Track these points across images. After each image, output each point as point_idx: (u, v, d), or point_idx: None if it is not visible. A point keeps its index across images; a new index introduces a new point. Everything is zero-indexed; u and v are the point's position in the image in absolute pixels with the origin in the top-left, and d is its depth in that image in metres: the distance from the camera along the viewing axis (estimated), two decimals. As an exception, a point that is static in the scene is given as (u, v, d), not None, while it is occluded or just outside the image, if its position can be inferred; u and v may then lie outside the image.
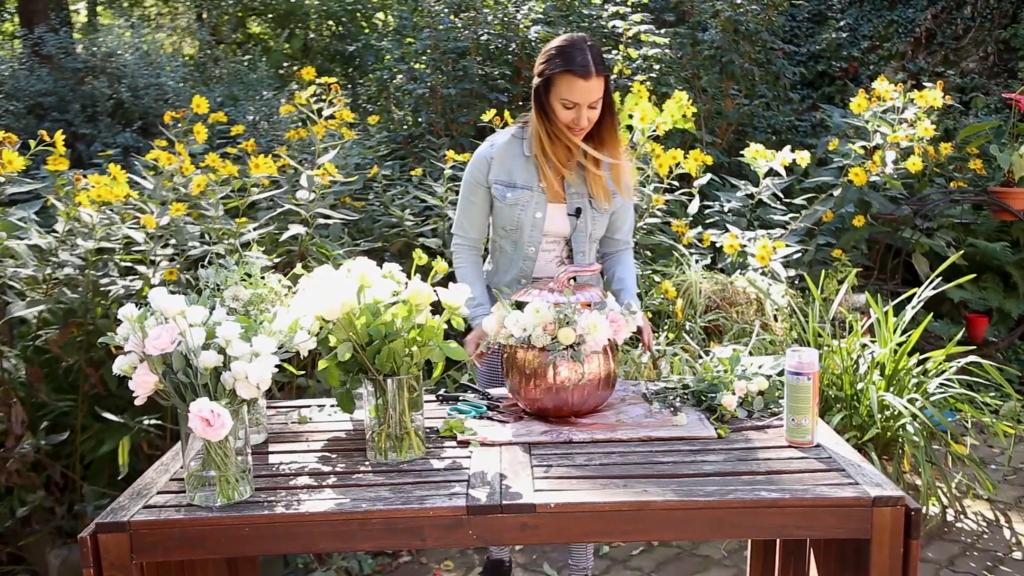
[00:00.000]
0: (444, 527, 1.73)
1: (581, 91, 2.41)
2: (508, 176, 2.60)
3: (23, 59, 7.10)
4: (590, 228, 2.63)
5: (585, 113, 2.45)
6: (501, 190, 2.60)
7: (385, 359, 1.90)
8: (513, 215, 2.61)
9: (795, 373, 1.97)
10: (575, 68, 2.40)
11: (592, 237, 2.66)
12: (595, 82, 2.41)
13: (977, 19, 7.74)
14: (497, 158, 2.61)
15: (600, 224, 2.66)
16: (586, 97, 2.42)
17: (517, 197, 2.59)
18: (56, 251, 3.13)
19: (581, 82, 2.40)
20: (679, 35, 6.55)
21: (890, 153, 4.64)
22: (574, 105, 2.44)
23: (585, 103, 2.43)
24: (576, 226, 2.62)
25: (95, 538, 1.68)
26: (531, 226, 2.61)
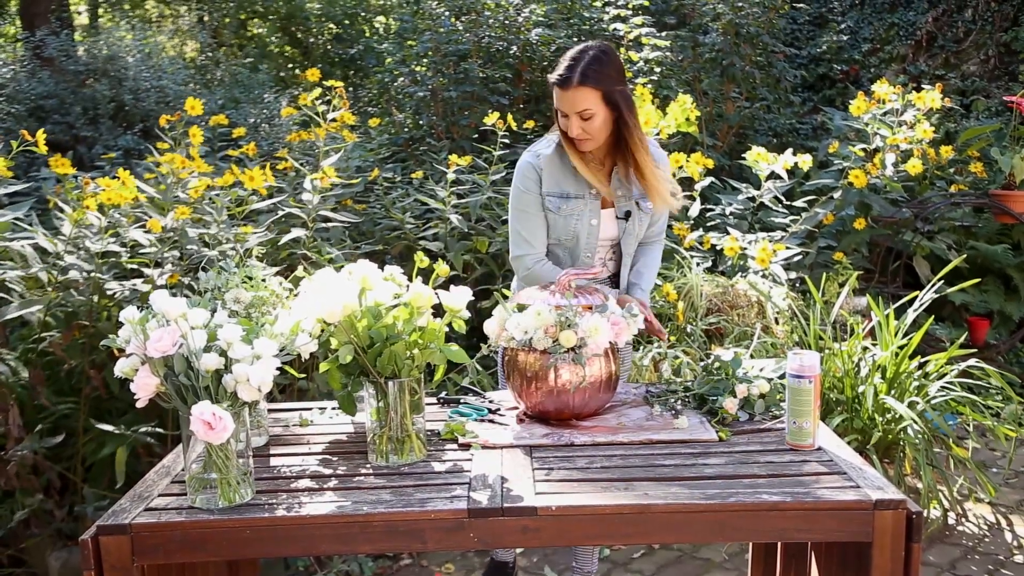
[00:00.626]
0: (445, 530, 1.73)
1: (563, 100, 2.44)
2: (559, 187, 2.60)
3: (24, 62, 7.11)
4: (637, 230, 2.66)
5: (576, 123, 2.45)
6: (556, 202, 2.60)
7: (386, 362, 1.90)
8: (569, 225, 2.61)
9: (796, 376, 1.97)
10: (555, 78, 2.45)
11: (638, 238, 2.69)
12: (575, 92, 2.41)
13: (978, 22, 7.75)
14: (546, 169, 2.60)
15: (645, 224, 2.69)
16: (569, 106, 2.43)
17: (572, 207, 2.60)
18: (62, 254, 3.13)
19: (561, 92, 2.43)
20: (680, 38, 6.56)
21: (890, 156, 4.64)
22: (565, 115, 2.46)
23: (571, 112, 2.44)
24: (625, 229, 2.65)
25: (96, 540, 1.68)
26: (587, 234, 2.62)
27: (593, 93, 2.43)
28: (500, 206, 4.32)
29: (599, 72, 2.43)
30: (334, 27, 9.43)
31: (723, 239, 4.32)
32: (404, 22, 7.68)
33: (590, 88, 2.42)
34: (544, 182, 2.60)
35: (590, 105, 2.43)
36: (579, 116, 2.44)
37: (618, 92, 2.46)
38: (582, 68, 2.41)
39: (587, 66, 2.42)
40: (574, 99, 2.42)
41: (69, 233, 3.15)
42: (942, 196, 5.41)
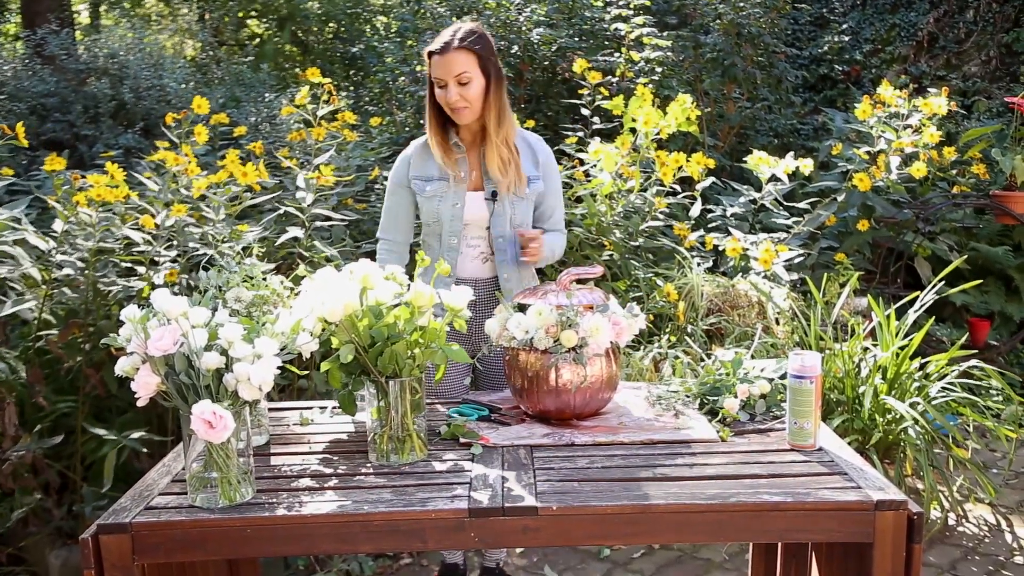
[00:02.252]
0: (446, 529, 1.73)
1: (441, 66, 2.53)
2: (424, 170, 2.69)
3: (25, 60, 7.10)
4: (509, 212, 2.66)
5: (455, 89, 2.53)
6: (420, 184, 2.68)
7: (387, 361, 1.90)
8: (432, 207, 2.67)
9: (797, 376, 1.97)
10: (434, 47, 2.55)
11: (513, 223, 2.67)
12: (454, 55, 2.51)
13: (979, 23, 7.74)
14: (416, 156, 2.72)
15: (522, 210, 2.68)
16: (449, 70, 2.52)
17: (435, 189, 2.66)
18: (54, 252, 3.13)
19: (441, 57, 2.52)
20: (681, 38, 6.55)
21: (894, 159, 4.64)
22: (444, 84, 2.54)
23: (450, 77, 2.52)
24: (493, 210, 2.66)
25: (96, 539, 1.68)
26: (451, 216, 2.66)
27: (470, 57, 2.53)
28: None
29: (476, 40, 2.55)
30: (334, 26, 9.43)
31: (724, 240, 4.32)
32: (405, 21, 7.68)
33: (467, 51, 2.53)
34: (412, 166, 2.71)
35: (468, 68, 2.53)
36: (457, 80, 2.52)
37: (492, 63, 2.58)
38: (460, 35, 2.53)
39: (466, 33, 2.54)
40: (452, 61, 2.51)
41: (60, 230, 3.14)
42: (943, 197, 5.41)
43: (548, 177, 2.75)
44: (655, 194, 4.29)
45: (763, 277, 4.10)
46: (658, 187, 4.31)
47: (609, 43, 6.46)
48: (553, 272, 4.03)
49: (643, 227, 4.27)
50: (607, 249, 4.11)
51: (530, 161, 2.71)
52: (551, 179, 2.76)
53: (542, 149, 2.75)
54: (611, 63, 5.95)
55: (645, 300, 3.98)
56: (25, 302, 3.03)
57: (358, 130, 4.82)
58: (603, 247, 4.13)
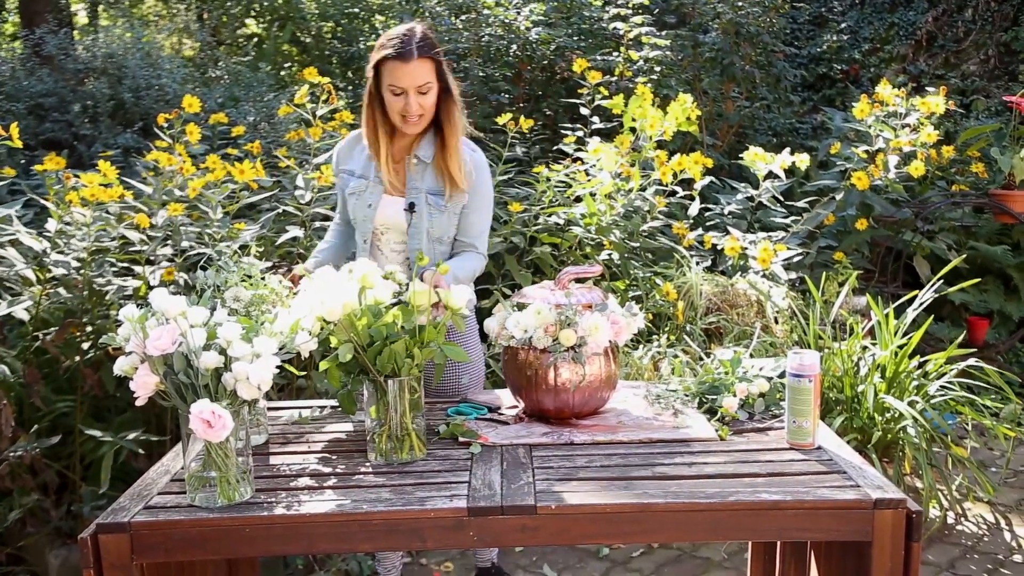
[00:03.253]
0: (445, 528, 1.73)
1: (403, 74, 2.39)
2: (351, 165, 2.63)
3: (24, 60, 7.10)
4: (427, 225, 2.55)
5: (414, 99, 2.41)
6: (345, 179, 2.64)
7: (386, 360, 1.90)
8: (351, 204, 2.63)
9: (796, 375, 1.97)
10: (395, 52, 2.38)
11: (432, 235, 2.57)
12: (417, 64, 2.38)
13: (978, 22, 7.75)
14: (345, 148, 2.67)
15: (441, 224, 2.56)
16: (411, 80, 2.39)
17: (355, 187, 2.60)
18: (48, 252, 3.12)
19: (402, 64, 2.38)
20: (680, 37, 6.55)
21: (892, 158, 4.64)
22: (401, 91, 2.41)
23: (411, 87, 2.40)
24: (411, 221, 2.56)
25: (95, 539, 1.68)
26: (364, 217, 2.59)
27: (431, 65, 2.42)
28: (499, 205, 4.32)
29: (433, 46, 2.44)
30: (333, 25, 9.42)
31: (723, 239, 4.32)
32: (404, 21, 7.68)
33: (429, 60, 2.41)
34: (340, 160, 2.67)
35: (429, 78, 2.42)
36: (418, 90, 2.41)
37: (446, 68, 2.48)
38: (419, 41, 2.40)
39: (422, 39, 2.41)
40: (415, 72, 2.39)
41: (54, 230, 3.14)
42: (942, 196, 5.41)
43: (475, 190, 2.57)
44: (654, 194, 4.29)
45: (762, 276, 4.10)
46: (657, 187, 4.31)
47: (608, 42, 6.46)
48: (553, 272, 4.03)
49: (643, 227, 4.27)
50: (606, 248, 4.11)
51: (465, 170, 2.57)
52: (477, 193, 2.58)
53: (471, 158, 2.58)
54: (610, 62, 5.96)
55: (644, 299, 3.98)
56: (20, 302, 3.03)
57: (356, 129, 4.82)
58: (602, 246, 4.13)
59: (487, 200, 2.63)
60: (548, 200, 4.22)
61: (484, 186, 2.60)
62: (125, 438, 3.06)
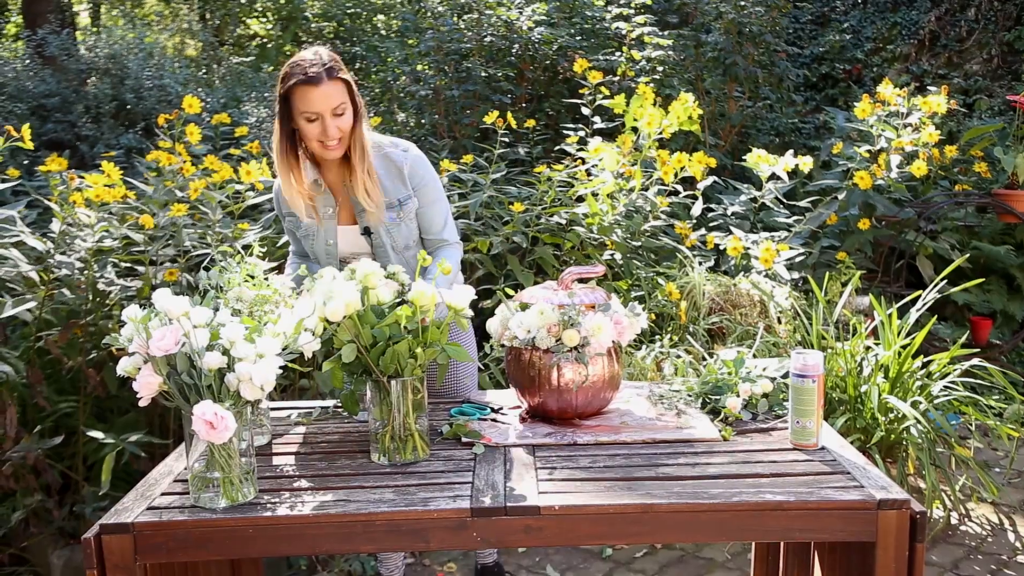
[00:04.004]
0: (448, 529, 1.73)
1: (316, 99, 2.31)
2: (294, 209, 2.52)
3: (27, 60, 7.11)
4: (389, 241, 2.53)
5: (331, 122, 2.34)
6: (293, 222, 2.57)
7: (389, 361, 1.90)
8: (307, 245, 2.58)
9: (799, 375, 1.97)
10: (304, 77, 2.31)
11: (397, 248, 2.55)
12: (329, 86, 2.31)
13: (981, 21, 7.74)
14: (284, 192, 2.52)
15: (402, 233, 2.54)
16: (325, 103, 2.32)
17: (306, 228, 2.55)
18: (52, 252, 3.13)
19: (314, 88, 2.30)
20: (682, 37, 6.55)
21: (895, 157, 4.63)
22: (316, 116, 2.33)
23: (326, 111, 2.32)
24: (374, 244, 2.53)
25: (99, 539, 1.68)
26: (326, 253, 2.56)
27: (343, 86, 2.35)
28: (501, 205, 4.32)
29: (342, 67, 2.38)
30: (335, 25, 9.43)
31: (726, 239, 4.32)
32: (406, 20, 7.68)
33: (340, 82, 2.34)
34: (283, 204, 2.58)
35: (343, 99, 2.34)
36: (333, 113, 2.33)
37: (356, 90, 2.41)
38: (327, 63, 2.33)
39: (331, 61, 2.35)
40: (329, 94, 2.31)
41: (58, 231, 3.14)
42: (945, 196, 5.40)
43: (420, 189, 2.53)
44: (656, 193, 4.29)
45: (765, 276, 4.10)
46: (659, 186, 4.30)
47: (610, 42, 6.46)
48: (555, 272, 4.03)
49: (645, 227, 4.26)
50: (609, 248, 4.11)
51: (395, 179, 2.51)
52: (424, 190, 2.54)
53: (406, 160, 2.52)
54: (612, 62, 5.96)
55: (647, 299, 3.98)
56: (24, 303, 3.03)
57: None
58: (605, 246, 4.13)
59: (437, 192, 2.58)
60: (550, 200, 4.21)
61: (430, 181, 2.55)
62: (127, 439, 3.06)
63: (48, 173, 3.16)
